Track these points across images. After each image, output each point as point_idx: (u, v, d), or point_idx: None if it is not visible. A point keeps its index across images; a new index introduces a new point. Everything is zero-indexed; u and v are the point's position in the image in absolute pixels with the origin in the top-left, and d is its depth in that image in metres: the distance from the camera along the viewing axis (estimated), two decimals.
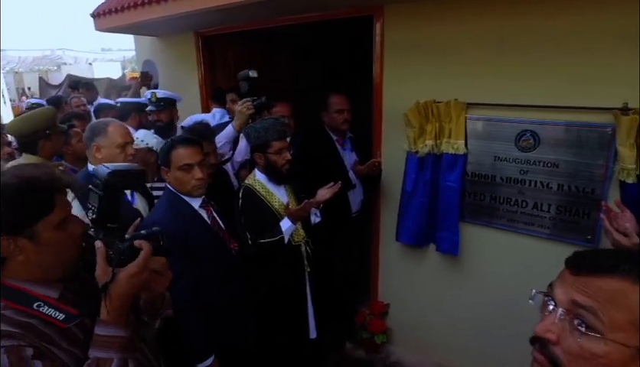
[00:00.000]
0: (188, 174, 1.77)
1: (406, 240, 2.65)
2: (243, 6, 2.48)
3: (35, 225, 0.95)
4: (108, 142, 1.97)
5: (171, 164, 1.77)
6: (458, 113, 2.30)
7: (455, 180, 2.38)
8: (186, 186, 1.79)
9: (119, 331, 0.94)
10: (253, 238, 2.01)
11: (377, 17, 2.52)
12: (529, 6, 2.01)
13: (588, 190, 2.03)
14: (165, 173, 1.80)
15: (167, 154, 1.78)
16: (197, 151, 1.80)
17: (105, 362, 0.92)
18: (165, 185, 1.86)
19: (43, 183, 0.97)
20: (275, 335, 2.17)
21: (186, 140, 1.80)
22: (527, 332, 2.53)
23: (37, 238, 0.95)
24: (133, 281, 0.95)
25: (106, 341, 0.93)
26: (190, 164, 1.77)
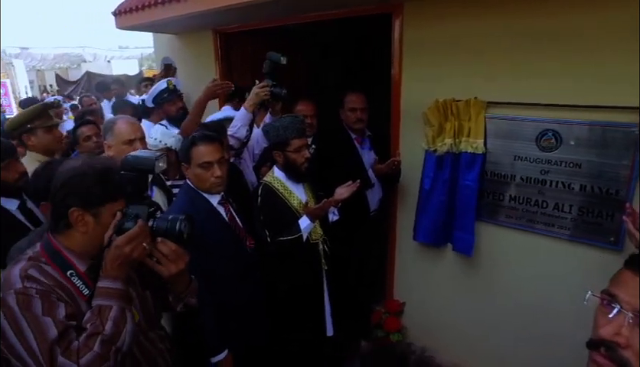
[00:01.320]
0: (208, 172, 1.79)
1: (423, 239, 2.64)
2: (262, 4, 2.50)
3: (103, 207, 1.13)
4: (115, 139, 2.02)
5: (191, 161, 1.79)
6: (478, 112, 2.27)
7: (473, 180, 2.35)
8: (205, 183, 1.81)
9: (116, 284, 1.11)
10: (272, 236, 2.02)
11: (396, 14, 2.50)
12: (552, 4, 1.98)
13: (612, 191, 1.99)
14: (185, 169, 1.83)
15: (187, 150, 1.80)
16: (217, 149, 1.82)
17: (105, 309, 1.08)
18: (185, 182, 1.88)
19: (118, 175, 1.17)
20: (292, 332, 2.18)
21: (206, 137, 1.82)
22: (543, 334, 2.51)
23: (100, 219, 1.14)
24: (117, 252, 1.10)
25: (106, 291, 1.10)
26: (210, 161, 1.79)
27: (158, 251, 1.17)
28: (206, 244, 1.70)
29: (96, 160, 1.21)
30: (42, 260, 1.12)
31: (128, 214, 1.15)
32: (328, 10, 2.80)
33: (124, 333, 1.08)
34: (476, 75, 2.28)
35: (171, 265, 1.18)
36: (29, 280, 1.06)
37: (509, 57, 2.15)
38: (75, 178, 1.12)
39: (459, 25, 2.29)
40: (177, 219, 1.19)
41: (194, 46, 3.96)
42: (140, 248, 1.12)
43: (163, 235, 1.18)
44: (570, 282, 2.19)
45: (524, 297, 2.37)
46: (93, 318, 1.06)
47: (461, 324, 2.69)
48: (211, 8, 2.69)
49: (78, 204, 1.11)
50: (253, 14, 2.95)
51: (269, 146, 2.12)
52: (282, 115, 2.40)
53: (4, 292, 1.04)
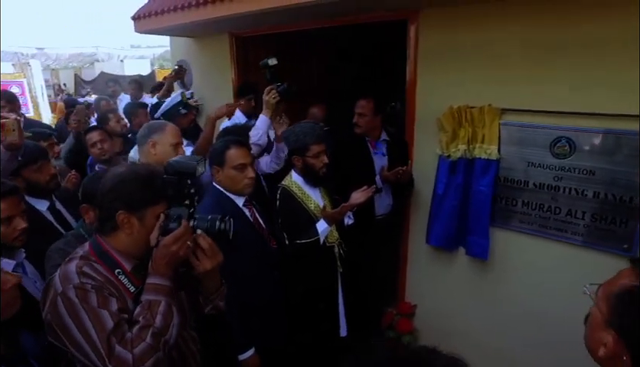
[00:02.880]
0: (242, 173, 1.90)
1: (436, 243, 2.68)
2: (278, 11, 2.55)
3: (146, 210, 1.21)
4: (164, 139, 2.10)
5: (225, 164, 1.88)
6: (492, 119, 2.31)
7: (487, 185, 2.39)
8: (239, 184, 1.91)
9: (164, 280, 1.19)
10: (290, 239, 2.08)
11: (412, 21, 2.54)
12: (567, 13, 2.01)
13: (625, 199, 2.02)
14: (217, 171, 1.91)
15: (221, 154, 1.89)
16: (248, 152, 1.95)
17: (155, 303, 1.16)
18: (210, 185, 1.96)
19: (160, 180, 1.25)
20: (307, 332, 2.24)
21: (239, 141, 1.93)
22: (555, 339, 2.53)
23: (144, 221, 1.22)
24: (165, 250, 1.17)
25: (155, 287, 1.17)
26: (244, 163, 1.90)
27: (198, 244, 1.25)
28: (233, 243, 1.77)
29: (140, 167, 1.32)
30: (92, 259, 1.20)
31: (171, 215, 1.22)
32: (343, 16, 2.85)
33: (172, 326, 1.16)
34: (491, 82, 2.31)
35: (206, 261, 1.25)
36: (84, 277, 1.14)
37: (523, 65, 2.19)
38: (121, 183, 1.21)
39: (474, 33, 2.32)
40: (217, 219, 1.28)
41: (210, 49, 4.03)
42: (185, 247, 1.20)
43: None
44: (582, 286, 2.20)
45: (535, 302, 2.40)
46: (143, 312, 1.14)
47: (472, 328, 2.72)
48: (228, 15, 2.76)
49: (124, 207, 1.19)
50: (270, 19, 3.01)
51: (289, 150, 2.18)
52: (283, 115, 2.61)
53: (65, 286, 1.12)
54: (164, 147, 2.09)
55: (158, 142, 2.10)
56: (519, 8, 2.14)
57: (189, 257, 1.24)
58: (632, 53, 1.88)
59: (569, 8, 1.99)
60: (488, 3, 2.23)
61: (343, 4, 2.45)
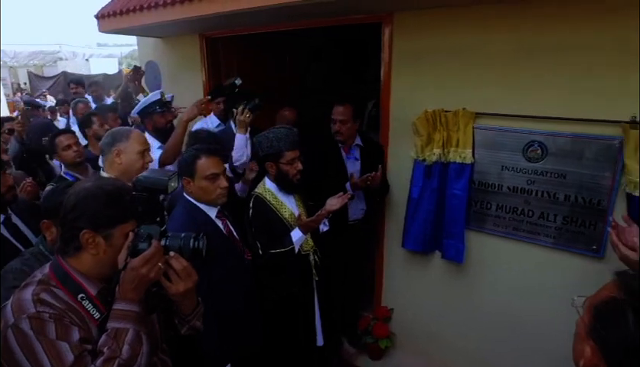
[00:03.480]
0: (214, 183, 1.81)
1: (412, 247, 2.67)
2: (250, 12, 2.48)
3: (114, 229, 1.12)
4: (130, 147, 2.00)
5: (196, 174, 1.79)
6: (466, 122, 2.32)
7: (461, 189, 2.40)
8: (211, 195, 1.82)
9: (132, 306, 1.10)
10: (264, 248, 2.02)
11: (386, 23, 2.52)
12: (539, 19, 2.03)
13: (594, 201, 2.06)
14: (187, 183, 1.81)
15: (191, 164, 1.79)
16: (220, 161, 1.85)
17: (122, 332, 1.06)
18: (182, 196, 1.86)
19: (129, 196, 1.17)
20: (283, 343, 2.19)
21: (209, 150, 1.83)
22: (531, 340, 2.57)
23: (111, 241, 1.13)
24: (134, 273, 1.09)
25: (122, 314, 1.09)
26: (216, 173, 1.81)
27: (170, 266, 1.17)
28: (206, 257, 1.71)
29: (107, 182, 1.21)
30: (52, 283, 1.10)
31: (141, 234, 1.14)
32: (317, 18, 2.81)
33: (140, 356, 1.08)
34: (465, 86, 2.32)
35: (180, 283, 1.18)
36: (42, 305, 1.04)
37: (497, 69, 2.20)
38: (86, 200, 1.12)
39: (449, 37, 2.32)
40: (190, 237, 1.20)
41: (180, 50, 3.90)
42: (156, 269, 1.12)
43: (176, 253, 1.19)
44: (554, 288, 2.25)
45: (510, 303, 2.43)
46: (109, 341, 1.05)
47: (449, 330, 2.74)
48: (197, 15, 2.66)
49: (89, 226, 1.10)
50: (241, 20, 2.93)
51: (261, 157, 2.11)
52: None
53: (17, 317, 1.02)
54: (131, 156, 1.99)
55: (123, 151, 1.99)
56: (493, 13, 2.15)
57: (160, 279, 1.16)
58: (603, 59, 1.92)
59: (543, 14, 2.02)
60: (462, 7, 2.24)
61: (316, 7, 2.40)
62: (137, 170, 1.84)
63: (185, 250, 1.18)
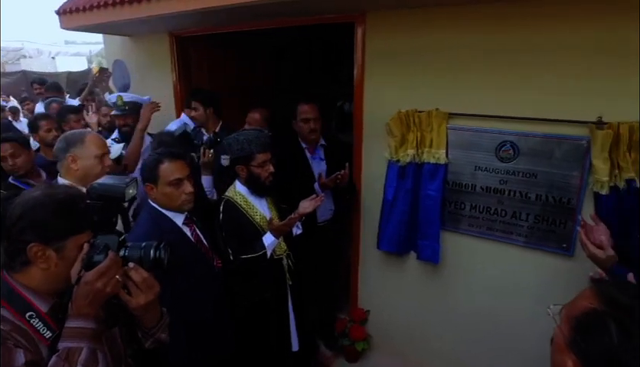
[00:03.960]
0: (178, 189, 1.72)
1: (387, 248, 2.66)
2: (220, 10, 2.41)
3: (66, 241, 1.05)
4: (86, 152, 1.89)
5: (159, 180, 1.70)
6: (440, 123, 2.31)
7: (436, 189, 2.39)
8: (176, 201, 1.73)
9: (87, 323, 1.02)
10: (235, 254, 1.96)
11: (359, 23, 2.49)
12: (511, 21, 2.04)
13: (564, 200, 2.09)
14: (151, 189, 1.72)
15: (154, 169, 1.70)
16: (184, 165, 1.76)
17: (75, 352, 0.98)
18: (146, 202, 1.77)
19: (83, 205, 1.09)
20: (257, 349, 2.13)
21: (172, 154, 1.74)
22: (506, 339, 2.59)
23: (63, 253, 1.05)
24: (88, 288, 1.01)
25: (75, 332, 1.00)
26: (180, 178, 1.73)
27: (129, 278, 1.09)
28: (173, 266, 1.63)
29: (58, 190, 1.11)
30: None
31: (97, 245, 1.06)
32: (289, 17, 2.76)
33: None
34: (438, 86, 2.31)
35: (140, 296, 1.10)
36: None
37: (470, 70, 2.20)
38: (33, 210, 1.03)
39: (422, 37, 2.31)
40: (151, 246, 1.12)
41: (149, 49, 3.78)
42: (113, 282, 1.04)
43: (137, 264, 1.11)
44: (527, 287, 2.28)
45: (485, 303, 2.44)
46: (59, 363, 0.97)
47: (426, 331, 2.74)
48: (166, 13, 2.56)
49: (37, 239, 1.01)
50: (210, 19, 2.85)
51: (232, 159, 2.04)
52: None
53: None
54: (87, 161, 1.88)
55: (78, 156, 1.88)
56: (466, 14, 2.15)
57: (119, 293, 1.08)
58: (569, 61, 1.94)
59: (515, 15, 2.02)
60: (434, 8, 2.23)
61: (288, 6, 2.35)
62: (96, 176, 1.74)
63: (146, 260, 1.11)
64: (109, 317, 1.16)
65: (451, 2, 2.15)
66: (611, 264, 1.55)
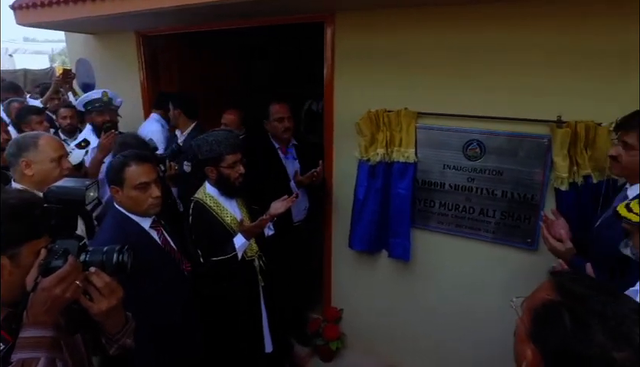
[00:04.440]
0: (145, 193, 1.67)
1: (358, 247, 2.68)
2: (188, 10, 2.37)
3: (21, 247, 0.99)
4: (41, 156, 1.80)
5: (125, 183, 1.64)
6: (409, 122, 2.35)
7: (405, 188, 2.43)
8: (142, 205, 1.68)
9: (44, 331, 0.97)
10: (205, 256, 1.92)
11: (328, 23, 2.50)
12: (476, 22, 2.09)
13: (528, 196, 2.16)
14: (116, 192, 1.67)
15: (119, 172, 1.65)
16: (152, 168, 1.71)
17: (30, 363, 0.93)
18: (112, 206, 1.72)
19: (40, 209, 1.04)
20: (230, 352, 2.10)
21: (139, 156, 1.69)
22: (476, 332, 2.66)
23: (18, 261, 0.99)
24: (45, 295, 0.97)
25: (32, 342, 0.95)
26: (147, 182, 1.67)
27: (90, 283, 1.04)
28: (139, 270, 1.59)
29: (11, 195, 1.06)
30: None
31: (55, 251, 1.01)
32: (258, 17, 2.73)
33: None
34: (407, 86, 2.35)
35: (102, 301, 1.05)
36: None
37: (437, 70, 2.25)
38: None
39: (390, 38, 2.34)
40: (114, 250, 1.08)
41: (114, 48, 3.67)
42: (73, 288, 0.99)
43: (99, 269, 1.07)
44: (495, 281, 2.35)
45: (455, 298, 2.50)
46: None
47: (398, 328, 2.77)
48: (131, 11, 2.50)
49: None
50: (178, 18, 2.79)
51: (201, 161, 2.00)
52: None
53: None
54: (43, 165, 1.80)
55: (32, 161, 1.79)
56: (432, 16, 2.19)
57: (80, 299, 1.04)
58: (533, 61, 2.01)
59: (478, 17, 2.08)
60: (402, 9, 2.26)
61: (257, 6, 2.34)
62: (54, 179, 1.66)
63: (108, 265, 1.07)
64: (69, 324, 1.11)
65: (418, 3, 2.19)
66: (570, 256, 1.62)
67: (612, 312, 0.73)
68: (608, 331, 0.70)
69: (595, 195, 1.96)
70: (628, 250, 1.29)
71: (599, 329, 0.71)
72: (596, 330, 0.71)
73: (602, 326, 0.71)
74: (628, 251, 1.29)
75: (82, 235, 1.26)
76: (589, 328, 0.72)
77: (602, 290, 0.79)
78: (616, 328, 0.71)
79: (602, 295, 0.77)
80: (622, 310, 0.73)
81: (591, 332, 0.71)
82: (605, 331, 0.71)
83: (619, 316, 0.72)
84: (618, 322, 0.71)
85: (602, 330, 0.71)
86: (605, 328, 0.71)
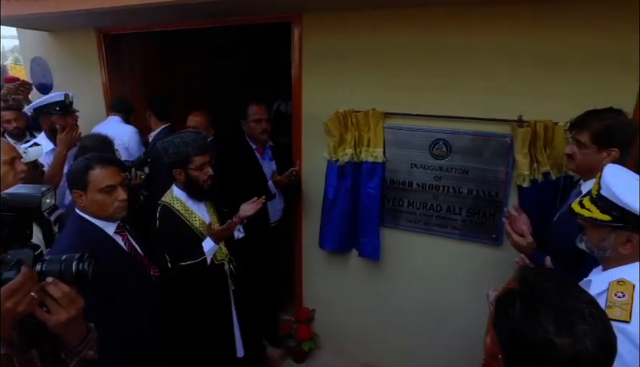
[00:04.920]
0: (111, 196, 1.60)
1: (329, 247, 2.68)
2: (151, 9, 2.30)
3: None
4: None
5: (89, 186, 1.57)
6: (377, 122, 2.37)
7: (375, 188, 2.46)
8: (108, 209, 1.61)
9: None
10: (173, 261, 1.88)
11: (296, 23, 2.50)
12: (441, 23, 2.14)
13: (492, 194, 2.23)
14: (79, 196, 1.59)
15: (83, 175, 1.57)
16: (117, 171, 1.64)
17: None
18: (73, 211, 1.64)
19: None
20: (202, 357, 2.06)
21: (104, 159, 1.62)
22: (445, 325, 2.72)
23: None
24: None
25: None
26: (113, 185, 1.60)
27: (47, 293, 0.98)
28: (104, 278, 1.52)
29: None
30: None
31: (7, 261, 0.95)
32: (224, 16, 2.69)
33: None
34: (374, 86, 2.37)
35: (61, 312, 0.99)
36: None
37: (404, 71, 2.28)
38: None
39: (358, 38, 2.36)
40: (73, 259, 1.02)
41: (73, 46, 3.51)
42: (27, 300, 0.93)
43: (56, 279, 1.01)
44: (463, 277, 2.41)
45: (425, 294, 2.55)
46: None
47: (370, 326, 2.80)
48: (89, 9, 2.40)
49: None
50: (143, 16, 2.71)
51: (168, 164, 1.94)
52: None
53: None
54: None
55: None
56: (399, 17, 2.23)
57: (35, 311, 0.98)
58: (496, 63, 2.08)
59: (443, 18, 2.13)
60: (369, 10, 2.28)
61: (222, 5, 2.30)
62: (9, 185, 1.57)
63: (67, 274, 1.01)
64: (23, 339, 1.05)
65: (384, 5, 2.21)
66: (531, 251, 1.68)
67: (563, 303, 0.77)
68: (555, 320, 0.75)
69: (554, 191, 2.04)
70: (583, 244, 1.35)
71: (548, 317, 0.75)
72: (545, 318, 0.75)
73: (552, 315, 0.75)
74: (583, 245, 1.35)
75: (38, 244, 1.19)
76: (537, 314, 0.76)
77: (561, 284, 0.83)
78: (564, 318, 0.75)
79: (560, 288, 0.81)
80: (575, 303, 0.78)
81: (538, 318, 0.75)
82: (553, 320, 0.75)
83: (570, 308, 0.77)
84: (568, 313, 0.76)
85: (550, 318, 0.75)
86: (554, 317, 0.75)
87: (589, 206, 1.30)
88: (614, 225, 1.23)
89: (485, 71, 2.11)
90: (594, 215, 1.27)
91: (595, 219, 1.26)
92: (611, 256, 1.28)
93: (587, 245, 1.33)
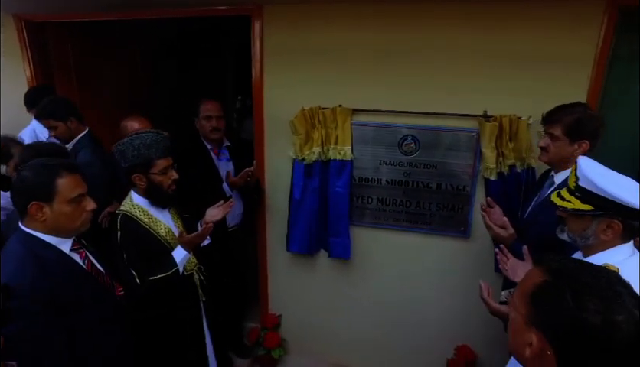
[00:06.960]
0: (79, 206, 1.38)
1: (297, 249, 2.59)
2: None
3: None
4: None
5: (57, 197, 1.33)
6: (344, 119, 2.32)
7: (343, 186, 2.41)
8: (76, 221, 1.39)
9: None
10: (141, 276, 1.67)
11: (256, 17, 2.36)
12: (407, 20, 2.14)
13: (461, 188, 2.28)
14: (39, 210, 1.33)
15: (47, 185, 1.33)
16: (82, 178, 1.42)
17: None
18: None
19: None
20: None
21: (69, 166, 1.38)
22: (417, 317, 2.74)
23: None
24: None
25: None
26: (82, 194, 1.39)
27: None
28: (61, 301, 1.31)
29: None
30: None
31: None
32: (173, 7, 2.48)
33: None
34: (341, 82, 2.32)
35: None
36: None
37: (372, 67, 2.25)
38: None
39: (322, 33, 2.28)
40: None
41: None
42: None
43: None
44: (433, 271, 2.45)
45: (395, 290, 2.55)
46: None
47: (340, 327, 2.75)
48: None
49: None
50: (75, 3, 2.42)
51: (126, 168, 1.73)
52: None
53: None
54: None
55: None
56: (363, 12, 2.19)
57: None
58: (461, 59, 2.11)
59: (409, 15, 2.13)
60: (334, 4, 2.21)
61: None
62: None
63: None
64: None
65: None
66: (512, 241, 1.73)
67: (602, 281, 0.77)
68: (605, 298, 0.74)
69: (518, 183, 2.13)
70: (565, 235, 1.39)
71: (597, 298, 0.74)
72: (595, 299, 0.74)
73: (598, 295, 0.74)
74: (565, 236, 1.39)
75: None
76: (588, 298, 0.74)
77: (585, 265, 0.84)
78: (611, 295, 0.75)
79: (587, 270, 0.81)
80: (609, 278, 0.78)
81: (591, 301, 0.74)
82: (603, 299, 0.74)
83: (609, 284, 0.76)
84: (612, 288, 0.76)
85: (599, 298, 0.74)
86: (601, 296, 0.74)
87: (569, 198, 1.34)
88: (595, 213, 1.28)
89: (452, 68, 2.14)
90: (576, 206, 1.31)
91: (577, 209, 1.31)
92: (593, 243, 1.33)
93: (569, 235, 1.38)
